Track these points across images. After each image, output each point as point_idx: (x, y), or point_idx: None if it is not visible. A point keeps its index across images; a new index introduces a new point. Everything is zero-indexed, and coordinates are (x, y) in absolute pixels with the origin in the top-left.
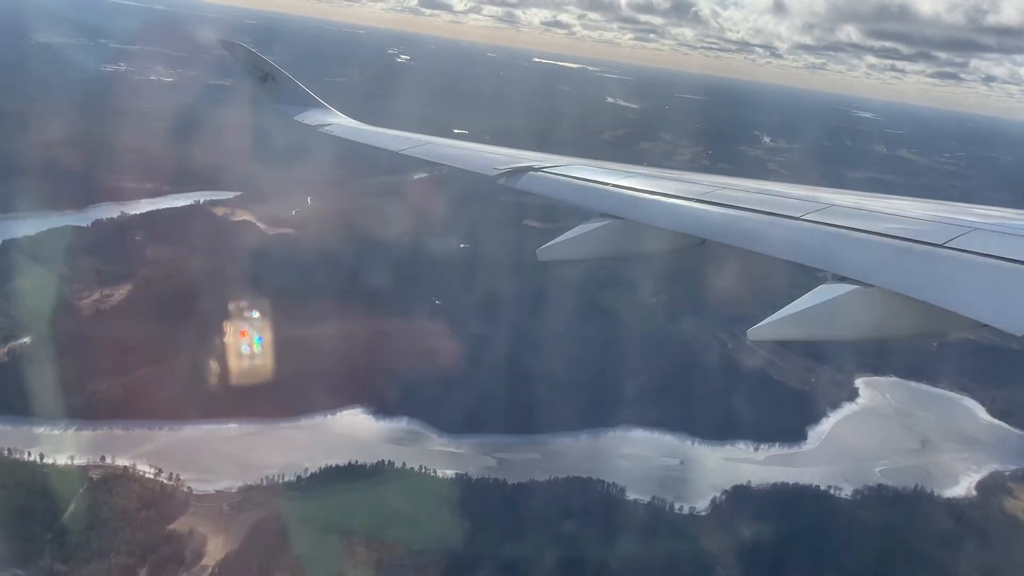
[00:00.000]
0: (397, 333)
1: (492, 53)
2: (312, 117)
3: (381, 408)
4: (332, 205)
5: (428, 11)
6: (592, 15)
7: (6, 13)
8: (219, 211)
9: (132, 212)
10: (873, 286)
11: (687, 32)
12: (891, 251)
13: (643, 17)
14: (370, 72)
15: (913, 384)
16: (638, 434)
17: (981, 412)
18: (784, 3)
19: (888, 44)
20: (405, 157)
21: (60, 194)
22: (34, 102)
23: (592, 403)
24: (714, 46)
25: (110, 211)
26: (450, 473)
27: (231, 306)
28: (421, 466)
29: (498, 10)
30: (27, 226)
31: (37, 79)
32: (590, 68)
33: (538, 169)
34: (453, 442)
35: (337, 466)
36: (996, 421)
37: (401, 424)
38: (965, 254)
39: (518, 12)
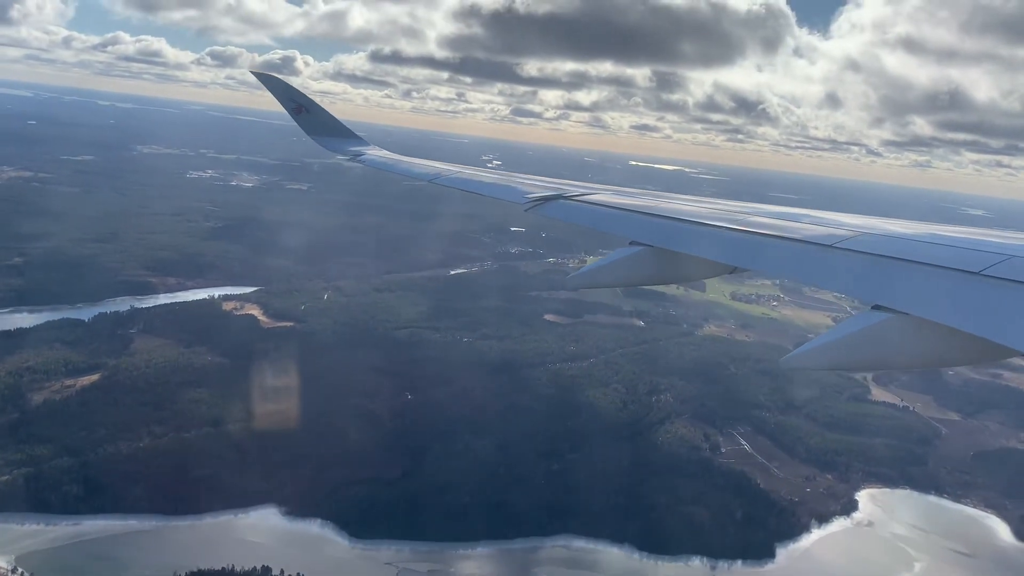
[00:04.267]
0: (346, 429)
1: (589, 157)
2: (345, 147)
3: (296, 508)
4: (348, 300)
5: (524, 119)
6: (671, 116)
7: (122, 128)
8: (228, 305)
9: (141, 306)
10: (908, 315)
11: (771, 131)
12: (926, 279)
13: (714, 116)
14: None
15: (931, 498)
16: (579, 544)
17: (1005, 533)
18: (837, 96)
19: (968, 136)
20: (455, 254)
21: (82, 288)
22: (106, 205)
23: (540, 507)
24: (806, 145)
25: (121, 305)
26: None
27: (181, 397)
28: (299, 574)
29: (585, 115)
30: (30, 319)
31: (120, 185)
32: (687, 170)
33: (568, 197)
34: (360, 549)
35: (210, 570)
36: (1020, 544)
37: (312, 527)
38: (1004, 282)
39: (604, 117)
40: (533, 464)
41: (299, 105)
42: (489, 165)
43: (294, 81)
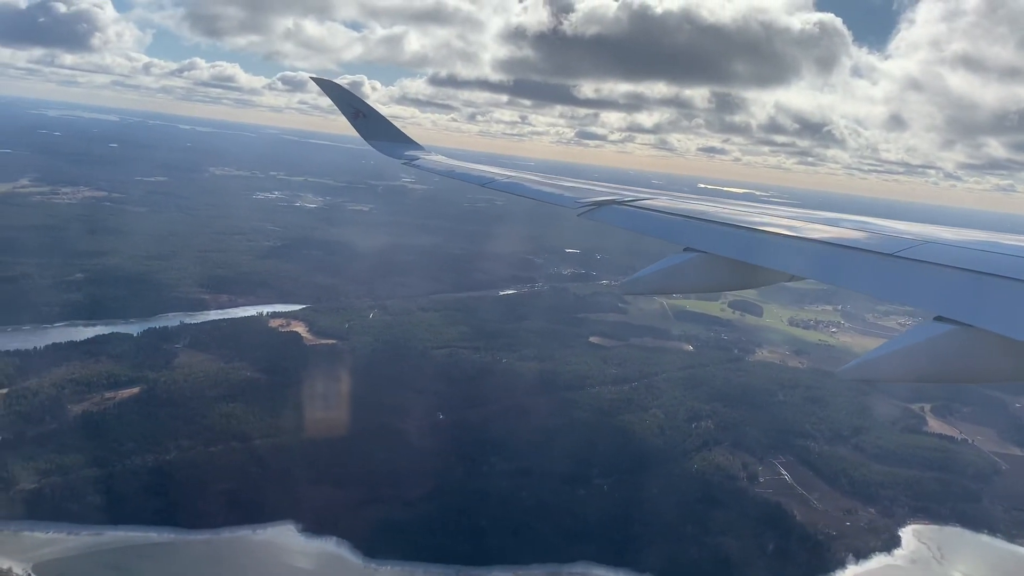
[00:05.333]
0: (372, 447)
1: (656, 180)
2: (402, 152)
3: (313, 525)
4: (392, 319)
5: (591, 142)
6: (736, 138)
7: (198, 151)
8: (274, 323)
9: (190, 322)
10: (972, 327)
11: (841, 154)
12: (990, 290)
13: (779, 138)
14: (515, 195)
15: (983, 537)
16: (598, 572)
17: None
18: (902, 117)
19: None
20: (509, 271)
21: (136, 303)
22: (171, 224)
23: (561, 532)
24: (879, 168)
25: (171, 320)
26: None
27: (213, 412)
28: None
29: (650, 138)
30: (83, 332)
31: (187, 205)
32: (756, 192)
33: (622, 202)
34: (373, 568)
35: None
36: None
37: (327, 544)
38: None
39: (670, 139)
40: (558, 488)
41: (357, 110)
42: None
43: None
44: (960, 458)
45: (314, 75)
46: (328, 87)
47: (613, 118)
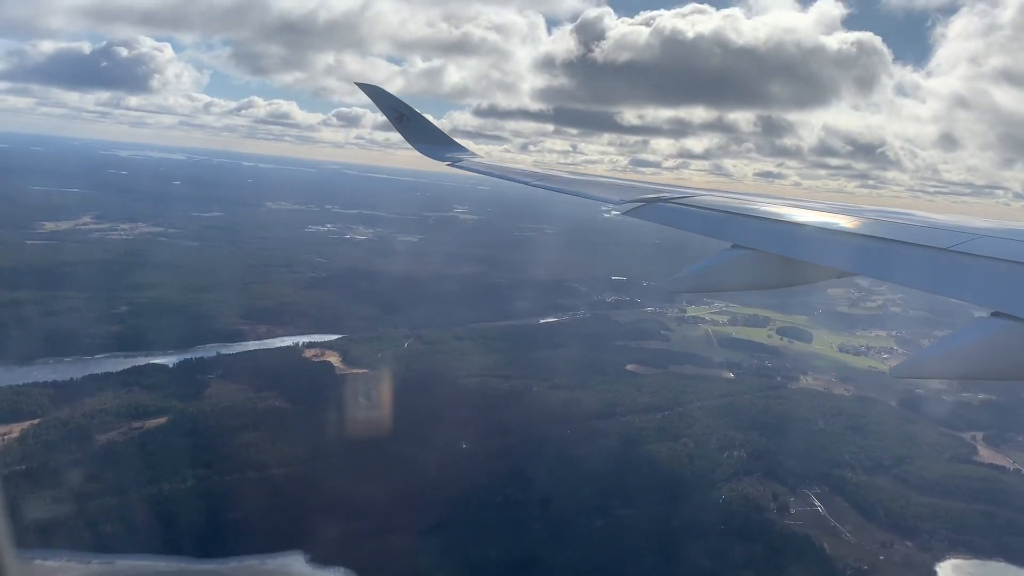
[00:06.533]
0: (390, 477)
1: None
2: (444, 154)
3: (321, 555)
4: (426, 348)
5: (646, 169)
6: (790, 162)
7: (257, 186)
8: (308, 353)
9: (226, 352)
10: None
11: (900, 176)
12: None
13: (833, 161)
14: (565, 225)
15: None
16: None
17: None
18: (954, 136)
19: None
20: (553, 301)
21: (176, 335)
22: (220, 258)
23: (573, 564)
24: (944, 190)
25: (208, 351)
26: None
27: (234, 441)
28: None
29: (705, 163)
30: (121, 363)
31: (239, 239)
32: None
33: (667, 200)
34: None
35: None
36: None
37: (334, 575)
38: None
39: (725, 164)
40: (575, 520)
41: (401, 114)
42: (605, 216)
43: None
44: (1010, 489)
45: (359, 81)
46: (371, 91)
47: (663, 144)
